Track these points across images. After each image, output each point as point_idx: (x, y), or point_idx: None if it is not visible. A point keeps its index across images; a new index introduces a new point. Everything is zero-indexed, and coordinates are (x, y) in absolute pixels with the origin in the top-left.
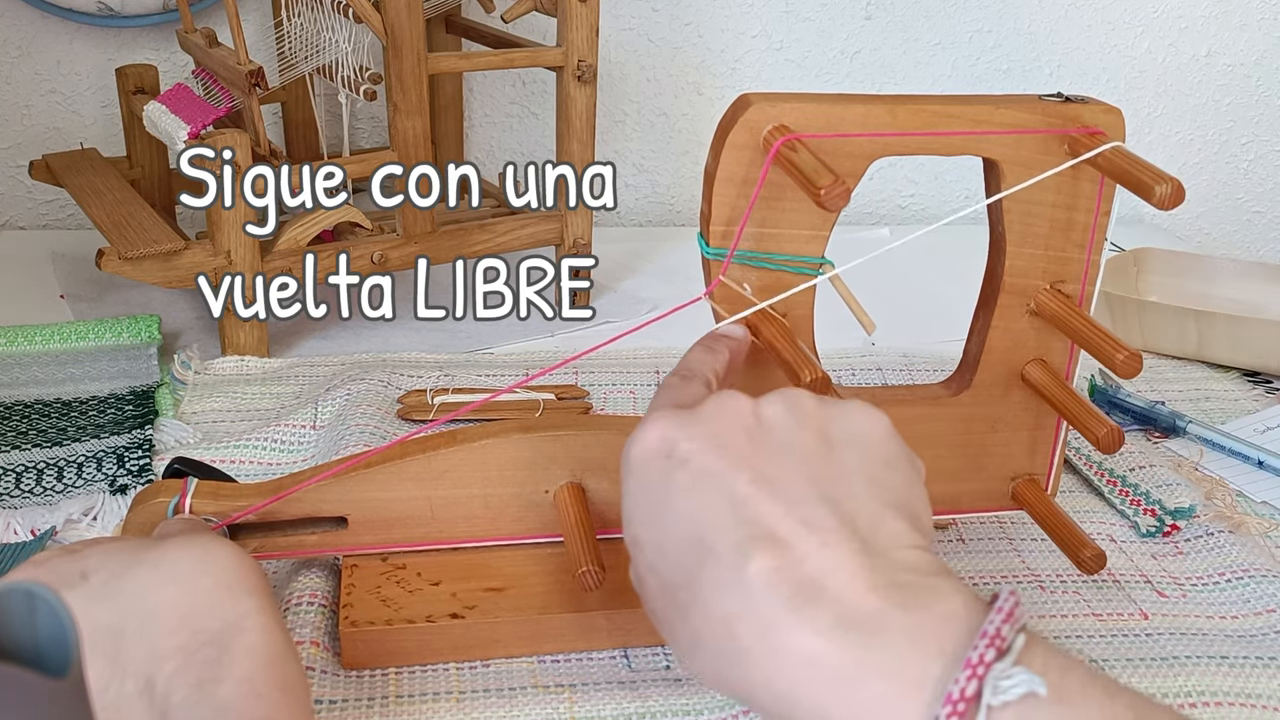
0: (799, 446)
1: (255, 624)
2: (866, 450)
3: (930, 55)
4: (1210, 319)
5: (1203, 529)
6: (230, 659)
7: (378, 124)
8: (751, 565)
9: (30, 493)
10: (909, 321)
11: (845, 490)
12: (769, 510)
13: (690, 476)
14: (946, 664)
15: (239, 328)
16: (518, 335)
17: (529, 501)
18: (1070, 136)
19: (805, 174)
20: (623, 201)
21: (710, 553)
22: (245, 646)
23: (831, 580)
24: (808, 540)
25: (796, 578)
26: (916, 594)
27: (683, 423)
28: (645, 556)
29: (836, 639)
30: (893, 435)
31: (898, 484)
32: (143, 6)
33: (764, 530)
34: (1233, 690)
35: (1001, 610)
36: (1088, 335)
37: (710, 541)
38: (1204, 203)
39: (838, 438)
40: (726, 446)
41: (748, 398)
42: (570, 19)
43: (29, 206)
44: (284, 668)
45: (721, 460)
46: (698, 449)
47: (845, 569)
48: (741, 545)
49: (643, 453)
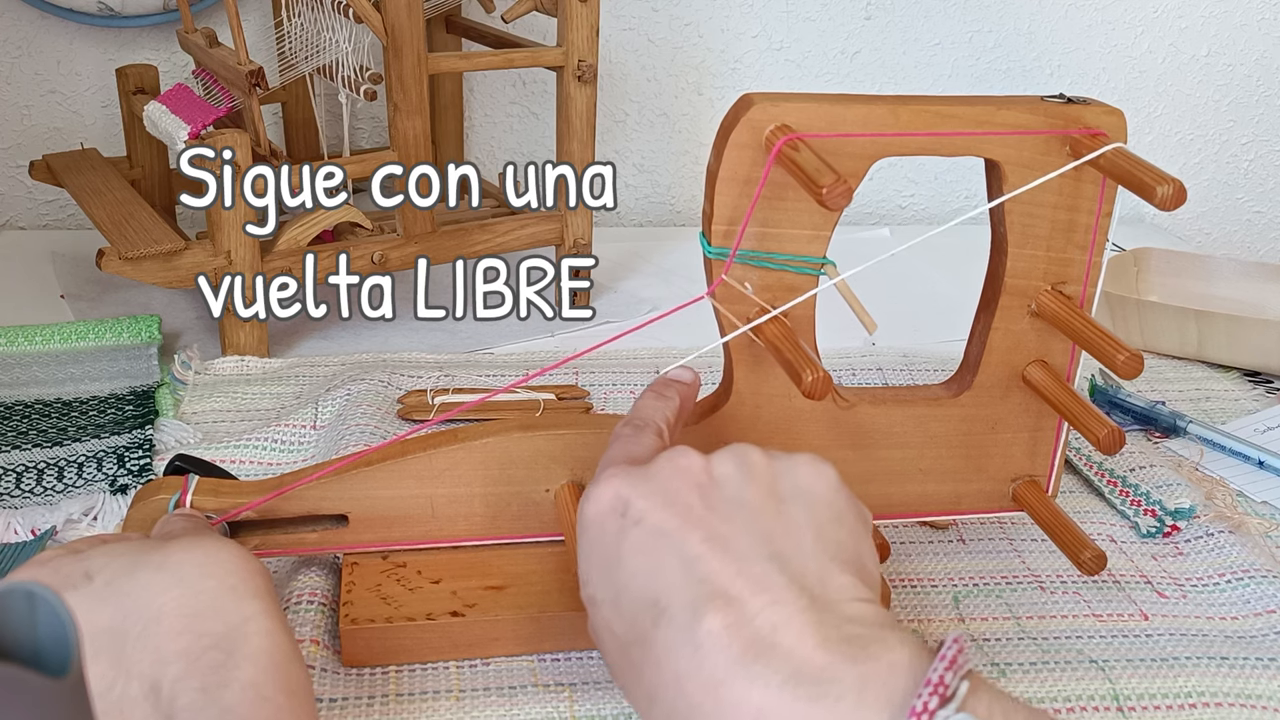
0: (749, 503)
1: (260, 627)
2: (814, 505)
3: (930, 55)
4: (1210, 319)
5: (1203, 529)
6: (235, 663)
7: (378, 124)
8: (704, 624)
9: (30, 493)
10: (909, 322)
11: (794, 546)
12: (720, 569)
13: (644, 535)
14: (893, 714)
15: (239, 328)
16: (518, 335)
17: (530, 500)
18: (1072, 138)
19: (807, 173)
20: (623, 201)
21: (664, 612)
22: (250, 650)
23: (781, 637)
24: (758, 598)
25: (747, 635)
26: (864, 646)
27: (636, 481)
28: (601, 614)
29: (788, 694)
30: (839, 488)
31: (845, 537)
32: (143, 6)
33: (716, 589)
34: (1233, 691)
35: (945, 657)
36: (1089, 336)
37: (664, 601)
38: (1204, 203)
39: (787, 493)
40: (679, 505)
41: (700, 454)
42: (570, 19)
43: (29, 206)
44: (289, 671)
45: (674, 519)
46: (651, 507)
47: (794, 625)
48: (694, 604)
49: (597, 511)
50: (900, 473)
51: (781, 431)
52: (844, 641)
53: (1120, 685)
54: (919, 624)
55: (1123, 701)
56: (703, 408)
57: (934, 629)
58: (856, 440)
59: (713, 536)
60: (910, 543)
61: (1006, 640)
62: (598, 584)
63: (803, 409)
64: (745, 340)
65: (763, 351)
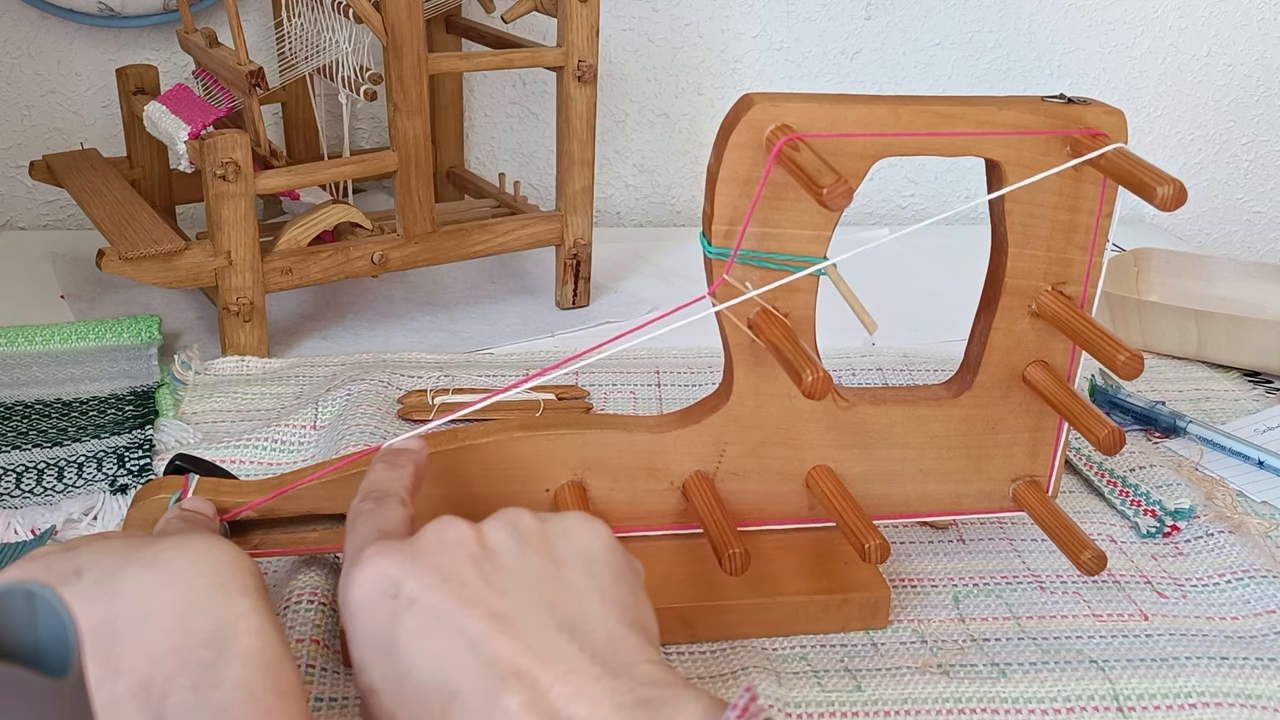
0: (529, 572)
1: (250, 625)
2: (593, 566)
3: (930, 55)
4: (1210, 319)
5: (1203, 529)
6: (226, 661)
7: (378, 124)
8: (500, 704)
9: (30, 493)
10: (909, 321)
11: (581, 612)
12: (507, 645)
13: (420, 618)
14: None
15: (239, 328)
16: (518, 335)
17: (530, 500)
18: (1073, 138)
19: (808, 173)
20: (623, 201)
21: (455, 696)
22: (241, 648)
23: (577, 709)
24: (549, 671)
25: (544, 711)
26: (659, 709)
27: (403, 559)
28: (382, 704)
29: None
30: (614, 545)
31: (626, 596)
32: (143, 7)
33: (507, 667)
34: (1232, 691)
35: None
36: (1089, 337)
37: (454, 685)
38: (1204, 203)
39: (565, 557)
40: (454, 582)
41: (468, 524)
42: (570, 19)
43: (29, 207)
44: (280, 671)
45: (450, 599)
46: (424, 587)
47: (589, 696)
48: (488, 687)
49: (365, 596)
50: (900, 473)
51: (781, 431)
52: (638, 706)
53: (1120, 685)
54: (919, 624)
55: (1123, 701)
56: (703, 408)
57: (934, 629)
58: (856, 440)
59: (495, 613)
60: (910, 543)
61: (1006, 640)
62: (375, 672)
63: (803, 409)
64: (745, 340)
65: (763, 351)
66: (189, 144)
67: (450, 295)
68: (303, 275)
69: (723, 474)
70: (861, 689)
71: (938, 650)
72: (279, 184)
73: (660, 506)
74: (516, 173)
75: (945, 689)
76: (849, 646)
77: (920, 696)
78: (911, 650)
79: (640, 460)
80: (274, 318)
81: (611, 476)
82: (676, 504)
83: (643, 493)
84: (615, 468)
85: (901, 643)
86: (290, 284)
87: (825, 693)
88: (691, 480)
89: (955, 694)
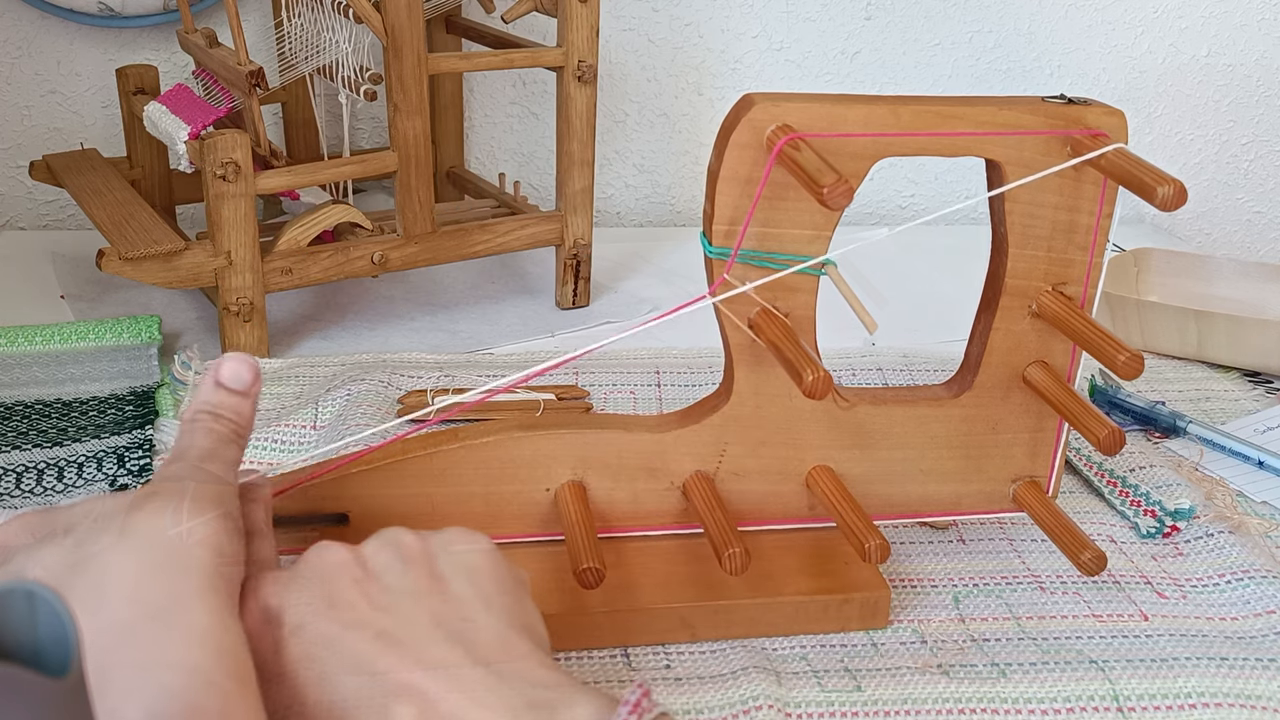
0: (412, 589)
1: (208, 605)
2: (476, 576)
3: (930, 55)
4: (1210, 319)
5: (1203, 530)
6: (173, 640)
7: (378, 124)
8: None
9: (30, 493)
10: (909, 322)
11: (467, 622)
12: (396, 662)
13: (306, 645)
14: None
15: (239, 328)
16: (518, 335)
17: (530, 499)
18: (1073, 138)
19: (808, 173)
20: (623, 201)
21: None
22: (191, 628)
23: (469, 715)
24: (439, 682)
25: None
26: (552, 709)
27: (282, 587)
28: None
29: None
30: (495, 555)
31: (511, 603)
32: (143, 7)
33: (397, 683)
34: (1232, 691)
35: (628, 703)
36: (1089, 337)
37: (347, 707)
38: (1204, 203)
39: (447, 571)
40: (339, 606)
41: (348, 547)
42: (570, 19)
43: (29, 207)
44: (238, 657)
45: (335, 624)
46: (309, 615)
47: (481, 703)
48: (381, 705)
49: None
50: (900, 473)
51: (782, 431)
52: (530, 708)
53: (1120, 685)
54: (919, 624)
55: (1123, 702)
56: (703, 408)
57: (934, 629)
58: (857, 440)
59: (381, 632)
60: (910, 543)
61: (1006, 640)
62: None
63: (803, 409)
64: (746, 340)
65: (763, 351)
66: (189, 144)
67: (450, 295)
68: (303, 275)
69: (723, 474)
70: (861, 689)
71: (938, 650)
72: (279, 184)
73: (660, 506)
74: (516, 173)
75: (945, 689)
76: (849, 646)
77: (920, 696)
78: (911, 650)
79: (640, 460)
80: (274, 318)
81: (611, 476)
82: (677, 504)
83: (643, 493)
84: (615, 468)
85: (901, 643)
86: (290, 284)
87: (825, 693)
88: (692, 480)
89: (955, 694)
